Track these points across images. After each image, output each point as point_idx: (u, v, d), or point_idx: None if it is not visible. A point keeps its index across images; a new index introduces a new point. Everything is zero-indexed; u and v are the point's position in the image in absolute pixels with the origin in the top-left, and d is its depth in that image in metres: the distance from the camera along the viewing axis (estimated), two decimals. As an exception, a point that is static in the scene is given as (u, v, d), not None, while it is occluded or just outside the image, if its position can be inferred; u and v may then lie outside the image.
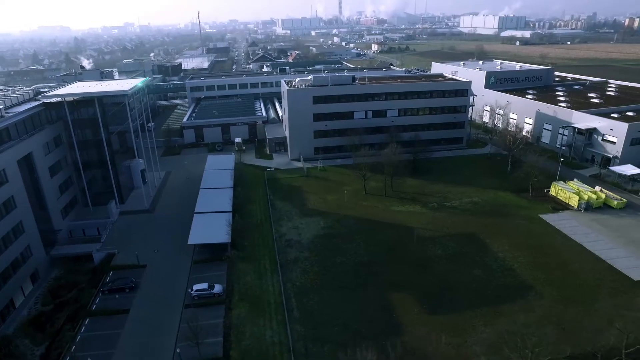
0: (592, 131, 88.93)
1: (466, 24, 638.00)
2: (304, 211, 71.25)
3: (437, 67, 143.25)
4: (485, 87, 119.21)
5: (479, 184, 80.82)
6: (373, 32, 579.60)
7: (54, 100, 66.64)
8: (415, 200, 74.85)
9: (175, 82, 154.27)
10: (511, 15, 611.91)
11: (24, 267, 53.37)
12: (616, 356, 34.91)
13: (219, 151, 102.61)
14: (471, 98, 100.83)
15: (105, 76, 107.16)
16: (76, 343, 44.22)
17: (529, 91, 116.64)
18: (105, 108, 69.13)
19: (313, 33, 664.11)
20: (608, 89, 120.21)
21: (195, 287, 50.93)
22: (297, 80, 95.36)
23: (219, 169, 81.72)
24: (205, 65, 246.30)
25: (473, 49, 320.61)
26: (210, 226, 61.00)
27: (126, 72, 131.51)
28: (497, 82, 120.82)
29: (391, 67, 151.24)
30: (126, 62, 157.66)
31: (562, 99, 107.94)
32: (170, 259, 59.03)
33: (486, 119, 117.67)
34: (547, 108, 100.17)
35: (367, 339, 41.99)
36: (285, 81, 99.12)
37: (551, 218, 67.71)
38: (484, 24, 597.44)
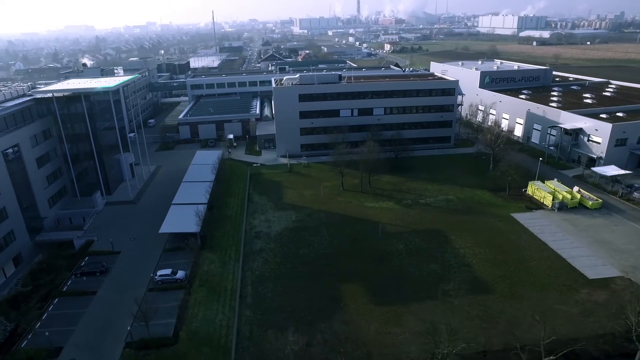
0: (579, 131, 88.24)
1: (485, 24, 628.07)
2: (279, 205, 73.44)
3: (435, 67, 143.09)
4: (479, 87, 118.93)
5: (458, 182, 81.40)
6: (390, 32, 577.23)
7: (44, 96, 70.56)
8: (390, 197, 76.07)
9: (181, 80, 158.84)
10: (531, 15, 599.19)
11: (6, 251, 57.18)
12: (538, 348, 35.70)
13: (211, 147, 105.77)
14: (460, 97, 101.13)
15: (106, 74, 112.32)
16: (42, 320, 47.50)
17: (524, 91, 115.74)
18: (92, 104, 72.83)
19: (330, 33, 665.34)
20: (607, 89, 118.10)
21: (159, 272, 53.74)
22: (285, 78, 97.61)
23: (204, 164, 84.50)
24: (216, 64, 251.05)
25: (486, 49, 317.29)
26: (184, 217, 63.61)
27: (130, 70, 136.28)
28: (492, 81, 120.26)
29: (391, 67, 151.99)
30: (131, 61, 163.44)
31: (554, 99, 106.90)
32: (144, 246, 62.12)
33: (480, 118, 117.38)
34: (536, 108, 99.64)
35: (309, 325, 43.92)
36: (275, 79, 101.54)
37: (522, 217, 67.97)
38: (503, 24, 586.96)
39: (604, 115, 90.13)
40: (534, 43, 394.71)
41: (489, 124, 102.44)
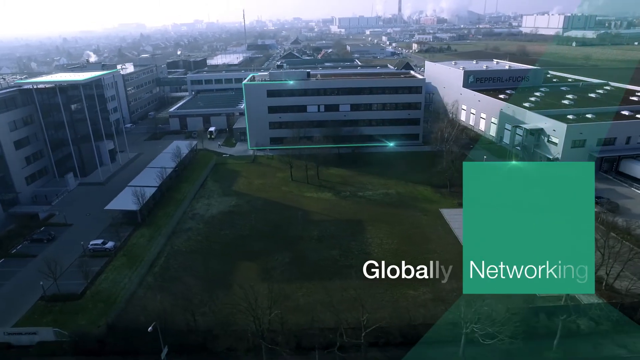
0: (540, 132, 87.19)
1: (529, 24, 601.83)
2: (226, 192, 79.22)
3: (429, 66, 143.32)
4: (463, 86, 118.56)
5: (406, 177, 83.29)
6: (427, 31, 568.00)
7: (26, 87, 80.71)
8: (332, 188, 79.57)
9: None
10: (579, 15, 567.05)
11: (-24, 218, 67.03)
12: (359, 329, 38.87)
13: (194, 138, 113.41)
14: (430, 95, 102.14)
15: (107, 69, 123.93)
16: (-17, 276, 56.21)
17: (507, 91, 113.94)
18: (68, 95, 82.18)
19: (367, 32, 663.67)
20: (598, 91, 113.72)
21: (92, 242, 61.13)
22: (258, 74, 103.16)
23: (172, 153, 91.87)
24: (237, 61, 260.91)
25: (516, 49, 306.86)
26: (131, 197, 70.91)
27: (140, 66, 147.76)
28: (477, 81, 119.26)
29: (388, 65, 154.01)
30: (141, 57, 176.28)
31: (533, 99, 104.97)
32: (95, 221, 69.81)
33: (462, 117, 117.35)
34: (507, 108, 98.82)
35: (194, 293, 49.11)
36: (253, 75, 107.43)
37: (449, 212, 69.27)
38: (548, 23, 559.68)
39: (570, 117, 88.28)
40: (574, 44, 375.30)
41: (451, 121, 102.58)
